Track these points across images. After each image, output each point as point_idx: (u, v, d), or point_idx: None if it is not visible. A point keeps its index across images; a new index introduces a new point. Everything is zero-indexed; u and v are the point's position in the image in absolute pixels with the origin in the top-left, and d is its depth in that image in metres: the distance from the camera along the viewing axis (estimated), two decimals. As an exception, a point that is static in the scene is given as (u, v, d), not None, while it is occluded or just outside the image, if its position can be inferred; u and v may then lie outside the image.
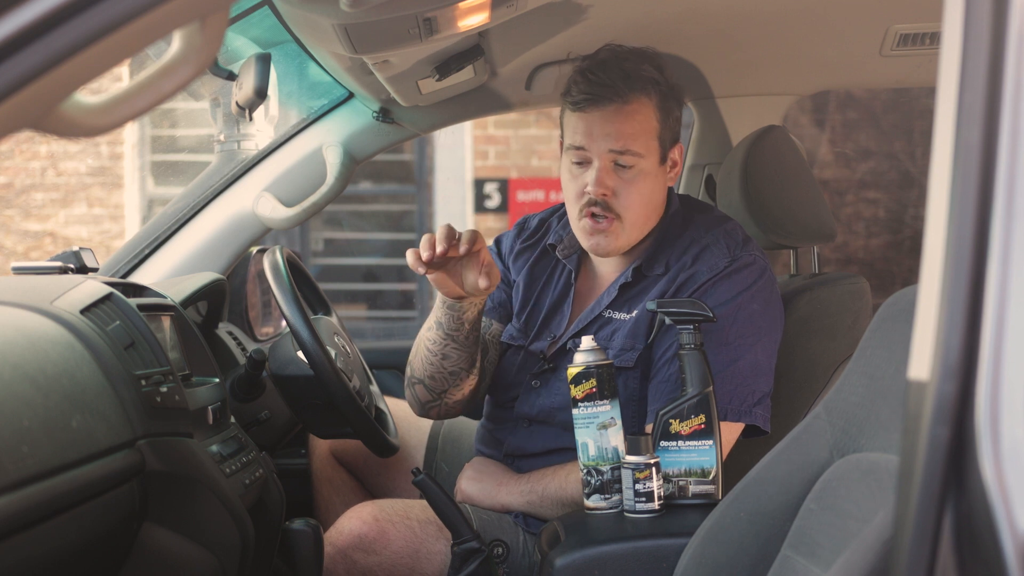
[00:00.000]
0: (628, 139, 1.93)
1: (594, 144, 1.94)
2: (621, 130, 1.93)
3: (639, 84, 1.93)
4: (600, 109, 1.93)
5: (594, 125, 1.93)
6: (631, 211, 1.96)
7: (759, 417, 1.91)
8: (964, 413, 0.83)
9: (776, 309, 1.97)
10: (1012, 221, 0.84)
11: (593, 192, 1.94)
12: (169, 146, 7.75)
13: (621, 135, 1.93)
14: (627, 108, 1.93)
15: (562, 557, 1.68)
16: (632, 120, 1.93)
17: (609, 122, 1.93)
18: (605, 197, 1.94)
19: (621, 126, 1.93)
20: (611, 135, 1.93)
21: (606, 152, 1.93)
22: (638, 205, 1.96)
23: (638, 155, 1.94)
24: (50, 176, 7.39)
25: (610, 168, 1.94)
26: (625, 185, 1.95)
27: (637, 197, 1.96)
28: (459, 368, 2.02)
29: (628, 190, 1.95)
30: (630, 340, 1.96)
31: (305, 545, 1.89)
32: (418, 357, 2.06)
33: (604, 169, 1.94)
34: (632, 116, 1.93)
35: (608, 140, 1.93)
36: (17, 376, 1.27)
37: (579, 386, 1.78)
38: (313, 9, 1.68)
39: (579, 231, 2.00)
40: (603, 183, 1.94)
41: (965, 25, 0.87)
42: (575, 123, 1.96)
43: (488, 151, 7.43)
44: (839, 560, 1.04)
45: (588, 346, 1.80)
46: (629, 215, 1.96)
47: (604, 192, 1.94)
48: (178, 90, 0.94)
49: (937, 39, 2.35)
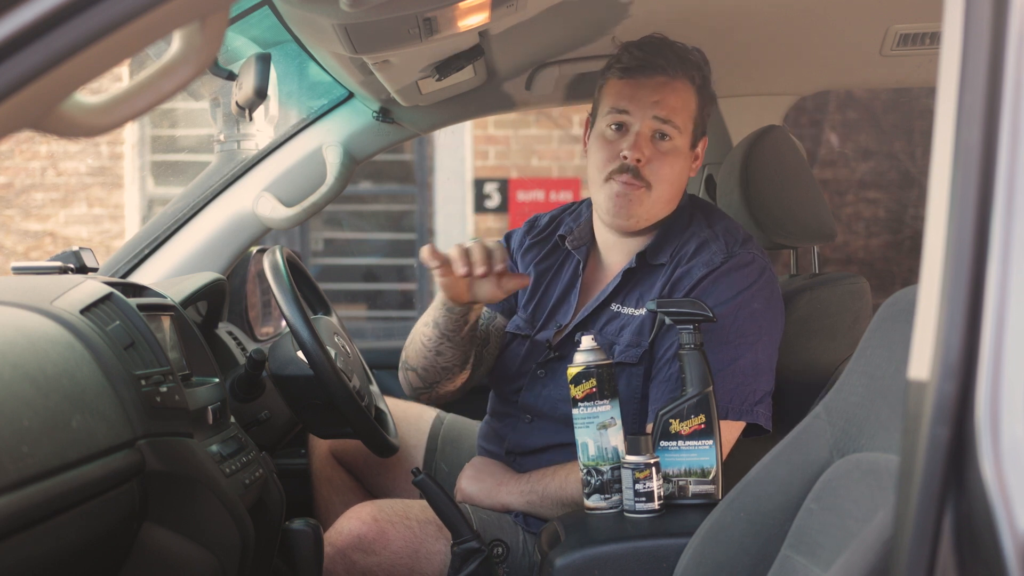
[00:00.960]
0: (672, 111, 1.97)
1: (639, 108, 1.97)
2: (668, 100, 1.97)
3: (686, 67, 1.99)
4: (649, 78, 1.97)
5: (640, 90, 1.97)
6: (660, 183, 1.98)
7: (761, 416, 1.91)
8: (964, 413, 0.83)
9: (777, 308, 1.98)
10: (1012, 221, 0.84)
11: (630, 156, 1.96)
12: (169, 146, 7.75)
13: (666, 105, 1.97)
14: (673, 83, 1.97)
15: (562, 557, 1.68)
16: (676, 95, 1.98)
17: (656, 91, 1.97)
18: (639, 164, 1.96)
19: (668, 96, 1.97)
20: (657, 103, 1.97)
21: (649, 118, 1.97)
22: (667, 179, 1.99)
23: (678, 129, 1.98)
24: (50, 176, 7.39)
25: (648, 137, 1.97)
26: (660, 156, 1.97)
27: (668, 171, 1.98)
28: (452, 364, 2.04)
29: (661, 161, 1.97)
30: (636, 337, 1.96)
31: (305, 545, 1.89)
32: (412, 347, 2.07)
33: (643, 135, 1.97)
34: (677, 91, 1.98)
35: (654, 107, 1.97)
36: (17, 376, 1.27)
37: (579, 386, 1.78)
38: (313, 9, 1.68)
39: (604, 194, 2.00)
40: (640, 148, 1.96)
41: (965, 25, 0.87)
42: (619, 88, 1.99)
43: (488, 151, 7.43)
44: (839, 560, 1.04)
45: (588, 346, 1.80)
46: (658, 187, 1.98)
47: (639, 157, 1.96)
48: (178, 90, 0.94)
49: (937, 39, 2.35)
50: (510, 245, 2.23)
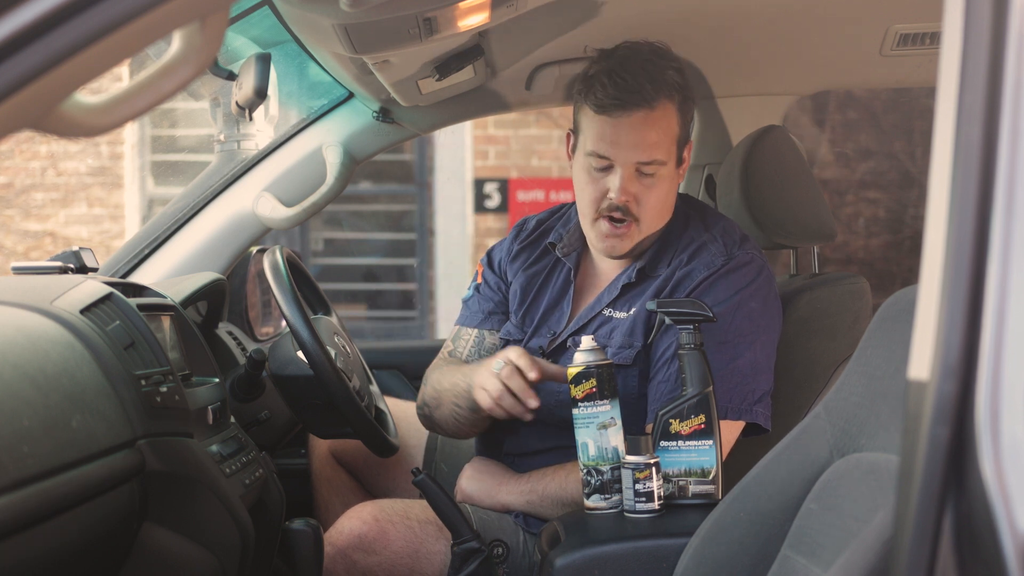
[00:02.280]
0: (653, 148, 1.93)
1: (620, 154, 1.93)
2: (647, 139, 1.92)
3: (664, 89, 1.93)
4: (628, 115, 1.92)
5: (620, 134, 1.92)
6: (649, 215, 1.97)
7: (760, 415, 1.91)
8: (964, 413, 0.83)
9: (775, 307, 1.98)
10: (1012, 221, 0.84)
11: (616, 199, 1.94)
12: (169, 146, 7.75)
13: (647, 145, 1.92)
14: (653, 115, 1.92)
15: (562, 557, 1.68)
16: (657, 127, 1.93)
17: (636, 131, 1.92)
18: (627, 203, 1.95)
19: (647, 135, 1.92)
20: (639, 146, 1.92)
21: (632, 162, 1.93)
22: (656, 209, 1.98)
23: (661, 163, 1.94)
24: (50, 176, 7.39)
25: (633, 176, 1.94)
26: (646, 191, 1.95)
27: (656, 201, 1.97)
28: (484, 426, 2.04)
29: (648, 195, 1.96)
30: (628, 338, 1.96)
31: (305, 545, 1.89)
32: (441, 412, 2.04)
33: (628, 177, 1.94)
34: (657, 123, 1.93)
35: (636, 151, 1.92)
36: (17, 376, 1.27)
37: (579, 386, 1.78)
38: (313, 9, 1.68)
39: (594, 233, 2.00)
40: (627, 191, 1.94)
41: (965, 25, 0.87)
42: (600, 128, 1.94)
43: (488, 151, 7.43)
44: (839, 560, 1.04)
45: (588, 346, 1.80)
46: (646, 218, 1.97)
47: (627, 199, 1.94)
48: (178, 90, 0.94)
49: (937, 39, 2.34)
50: (492, 262, 2.21)
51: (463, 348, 2.17)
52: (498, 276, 2.19)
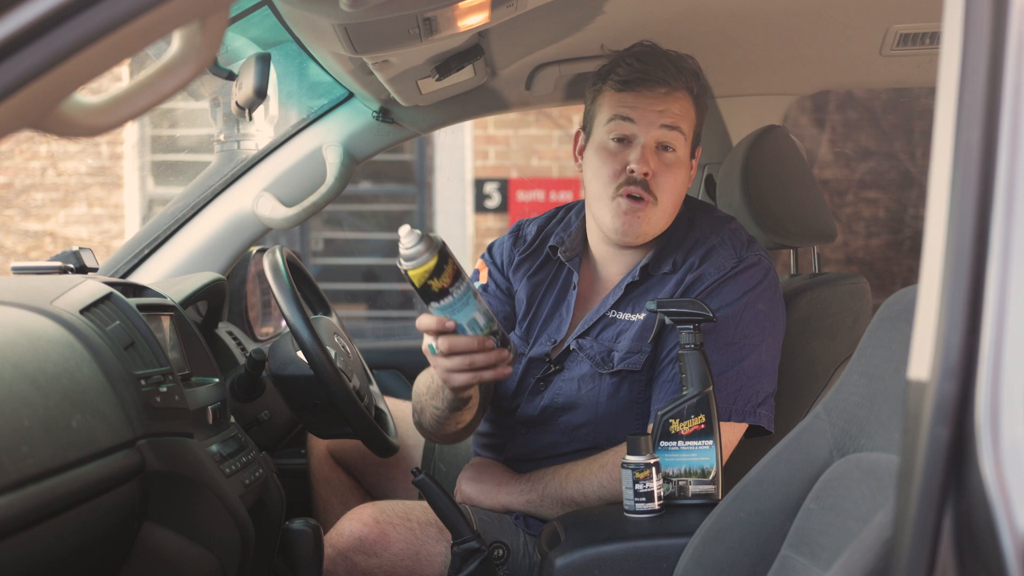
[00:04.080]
0: (678, 118, 1.95)
1: (644, 117, 1.94)
2: (673, 110, 1.95)
3: (683, 76, 1.97)
4: (651, 89, 1.95)
5: (644, 102, 1.95)
6: (666, 196, 1.96)
7: (763, 417, 1.91)
8: (964, 413, 0.83)
9: (780, 309, 1.98)
10: (1012, 221, 0.84)
11: (637, 170, 1.93)
12: (169, 146, 7.75)
13: (671, 113, 1.95)
14: (675, 93, 1.96)
15: (562, 557, 1.68)
16: (679, 104, 1.96)
17: (661, 101, 1.95)
18: (647, 176, 1.94)
19: (672, 106, 1.95)
20: (663, 112, 1.94)
21: (656, 127, 1.94)
22: (673, 192, 1.97)
23: (683, 136, 1.96)
24: (50, 176, 7.39)
25: (654, 149, 1.95)
26: (665, 168, 1.95)
27: (673, 183, 1.96)
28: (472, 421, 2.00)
29: (667, 174, 1.95)
30: (637, 343, 1.95)
31: (305, 545, 1.89)
32: (425, 417, 1.99)
33: (649, 147, 1.95)
34: (680, 101, 1.96)
35: (660, 116, 1.94)
36: (17, 376, 1.27)
37: (443, 274, 1.66)
38: (313, 9, 1.68)
39: (610, 212, 1.96)
40: (647, 161, 1.94)
41: (965, 25, 0.87)
42: (620, 99, 1.96)
43: (488, 151, 7.43)
44: (839, 560, 1.04)
45: (415, 238, 1.65)
46: (664, 200, 1.96)
47: (647, 171, 1.93)
48: (178, 90, 0.94)
49: (937, 39, 2.34)
50: (495, 259, 2.18)
51: None
52: (506, 279, 2.16)
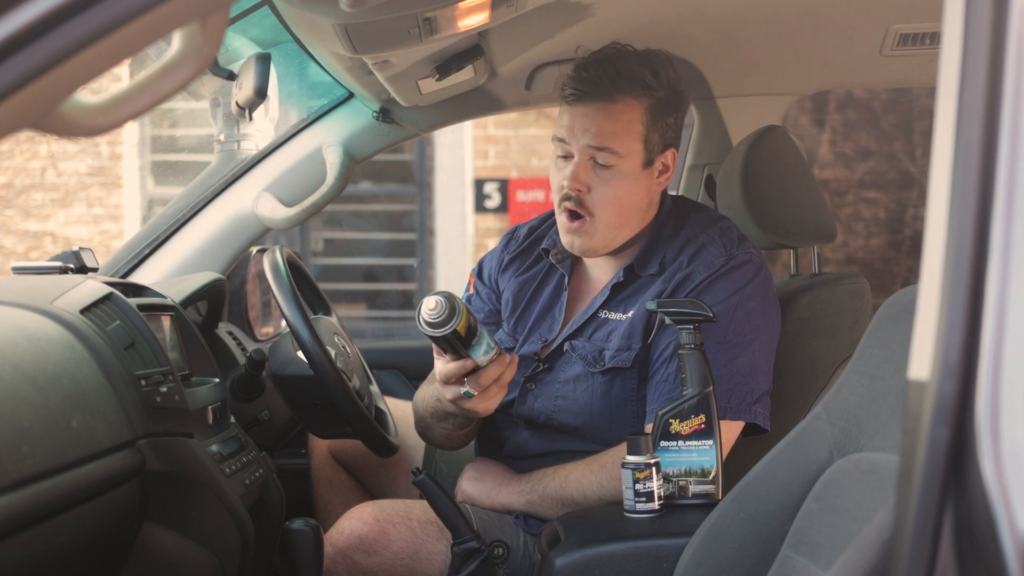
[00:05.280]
0: (608, 137, 1.94)
1: (574, 138, 1.95)
2: (602, 128, 1.94)
3: (627, 85, 1.94)
4: (586, 105, 1.94)
5: (577, 120, 1.95)
6: (603, 211, 1.97)
7: (759, 415, 1.91)
8: (964, 413, 0.83)
9: (773, 307, 1.98)
10: (1012, 221, 0.84)
11: (568, 186, 1.95)
12: (169, 146, 7.76)
13: (602, 132, 1.94)
14: (612, 107, 1.94)
15: (562, 557, 1.68)
16: (615, 119, 1.94)
17: (591, 118, 1.94)
18: (579, 193, 1.95)
19: (603, 123, 1.94)
20: (591, 131, 1.94)
21: (585, 147, 1.95)
22: (611, 205, 1.97)
23: (617, 155, 1.94)
24: (50, 176, 7.39)
25: (588, 165, 1.95)
26: (601, 184, 1.96)
27: (611, 197, 1.96)
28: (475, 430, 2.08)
29: (603, 189, 1.96)
30: (626, 341, 1.96)
31: (305, 545, 1.89)
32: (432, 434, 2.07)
33: (581, 164, 1.95)
34: (616, 116, 1.94)
35: (588, 136, 1.94)
36: (17, 376, 1.27)
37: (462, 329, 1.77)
38: (313, 9, 1.68)
39: (559, 226, 2.02)
40: (578, 178, 1.95)
41: (965, 25, 0.87)
42: (562, 116, 1.98)
43: (488, 151, 7.43)
44: (839, 560, 1.04)
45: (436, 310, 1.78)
46: (601, 215, 1.97)
47: (578, 188, 1.95)
48: (178, 90, 0.94)
49: (937, 39, 2.35)
50: (483, 274, 2.21)
51: None
52: (489, 288, 2.20)
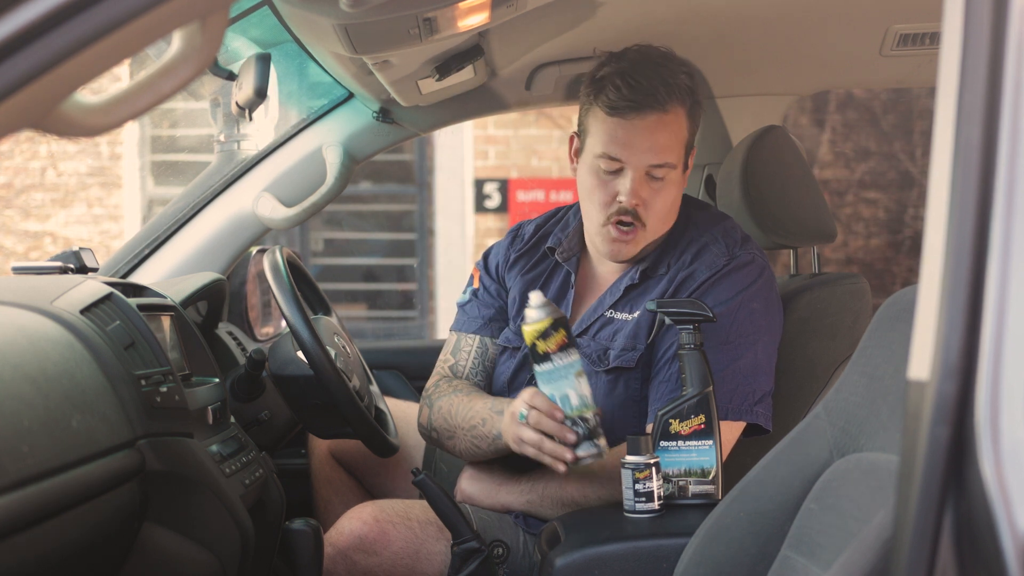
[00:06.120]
0: (665, 151, 1.93)
1: (633, 156, 1.93)
2: (659, 142, 1.92)
3: (676, 93, 1.93)
4: (641, 118, 1.91)
5: (633, 136, 1.92)
6: (656, 219, 1.97)
7: (760, 416, 1.91)
8: (964, 413, 0.83)
9: (775, 308, 1.98)
10: (1012, 221, 0.84)
11: (627, 202, 1.94)
12: (169, 146, 7.75)
13: (660, 148, 1.92)
14: (666, 118, 1.92)
15: (562, 557, 1.68)
16: (669, 131, 1.93)
17: (649, 133, 1.92)
18: (637, 207, 1.94)
19: (659, 138, 1.92)
20: (652, 148, 1.92)
21: (644, 165, 1.93)
22: (663, 213, 1.98)
23: (672, 166, 1.95)
24: (50, 176, 7.39)
25: (644, 179, 1.94)
26: (654, 194, 1.95)
27: (663, 205, 1.97)
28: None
29: (656, 199, 1.95)
30: (631, 340, 1.96)
31: (305, 545, 1.89)
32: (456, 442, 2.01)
33: (639, 180, 1.94)
34: (669, 127, 1.93)
35: (648, 154, 1.92)
36: (17, 376, 1.27)
37: (549, 339, 1.75)
38: (313, 9, 1.68)
39: (600, 236, 1.99)
40: (637, 194, 1.94)
41: (965, 25, 0.87)
42: (611, 130, 1.93)
43: (488, 151, 7.43)
44: (839, 560, 1.04)
45: (540, 301, 1.78)
46: (653, 223, 1.97)
47: (637, 203, 1.94)
48: (178, 90, 0.94)
49: (937, 39, 2.35)
50: (488, 266, 2.19)
51: (464, 360, 2.15)
52: (497, 282, 2.18)
